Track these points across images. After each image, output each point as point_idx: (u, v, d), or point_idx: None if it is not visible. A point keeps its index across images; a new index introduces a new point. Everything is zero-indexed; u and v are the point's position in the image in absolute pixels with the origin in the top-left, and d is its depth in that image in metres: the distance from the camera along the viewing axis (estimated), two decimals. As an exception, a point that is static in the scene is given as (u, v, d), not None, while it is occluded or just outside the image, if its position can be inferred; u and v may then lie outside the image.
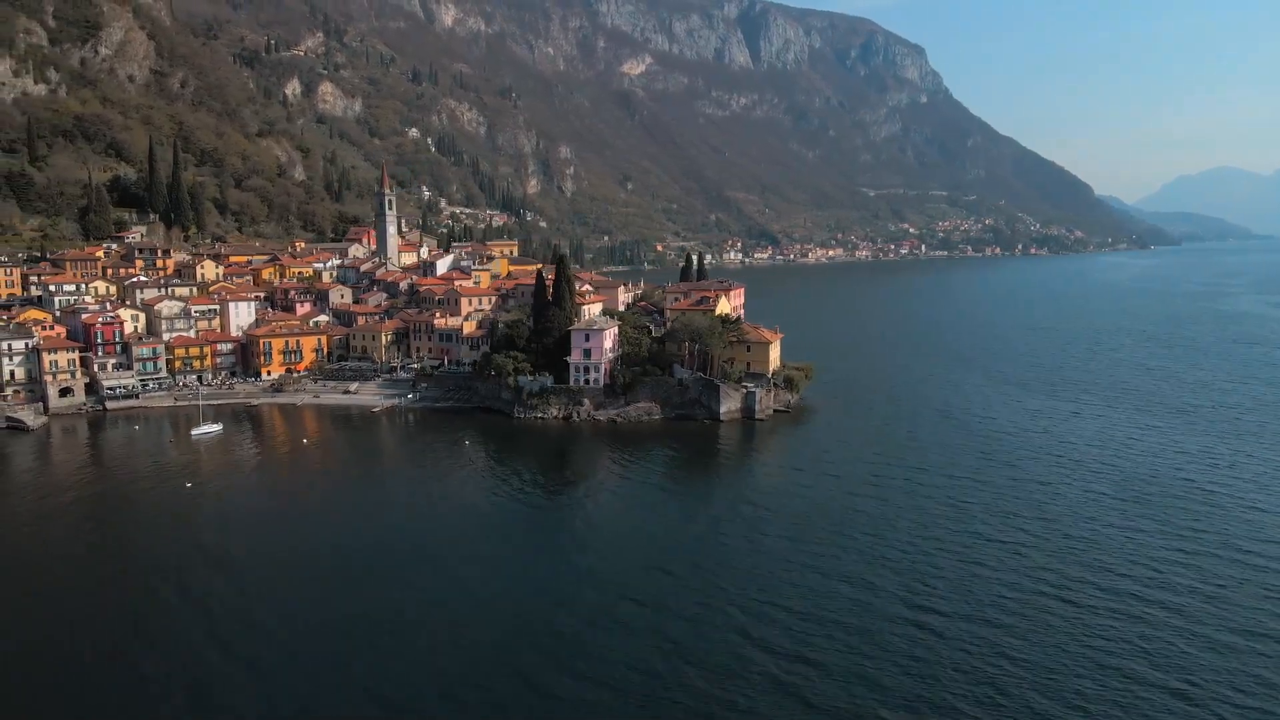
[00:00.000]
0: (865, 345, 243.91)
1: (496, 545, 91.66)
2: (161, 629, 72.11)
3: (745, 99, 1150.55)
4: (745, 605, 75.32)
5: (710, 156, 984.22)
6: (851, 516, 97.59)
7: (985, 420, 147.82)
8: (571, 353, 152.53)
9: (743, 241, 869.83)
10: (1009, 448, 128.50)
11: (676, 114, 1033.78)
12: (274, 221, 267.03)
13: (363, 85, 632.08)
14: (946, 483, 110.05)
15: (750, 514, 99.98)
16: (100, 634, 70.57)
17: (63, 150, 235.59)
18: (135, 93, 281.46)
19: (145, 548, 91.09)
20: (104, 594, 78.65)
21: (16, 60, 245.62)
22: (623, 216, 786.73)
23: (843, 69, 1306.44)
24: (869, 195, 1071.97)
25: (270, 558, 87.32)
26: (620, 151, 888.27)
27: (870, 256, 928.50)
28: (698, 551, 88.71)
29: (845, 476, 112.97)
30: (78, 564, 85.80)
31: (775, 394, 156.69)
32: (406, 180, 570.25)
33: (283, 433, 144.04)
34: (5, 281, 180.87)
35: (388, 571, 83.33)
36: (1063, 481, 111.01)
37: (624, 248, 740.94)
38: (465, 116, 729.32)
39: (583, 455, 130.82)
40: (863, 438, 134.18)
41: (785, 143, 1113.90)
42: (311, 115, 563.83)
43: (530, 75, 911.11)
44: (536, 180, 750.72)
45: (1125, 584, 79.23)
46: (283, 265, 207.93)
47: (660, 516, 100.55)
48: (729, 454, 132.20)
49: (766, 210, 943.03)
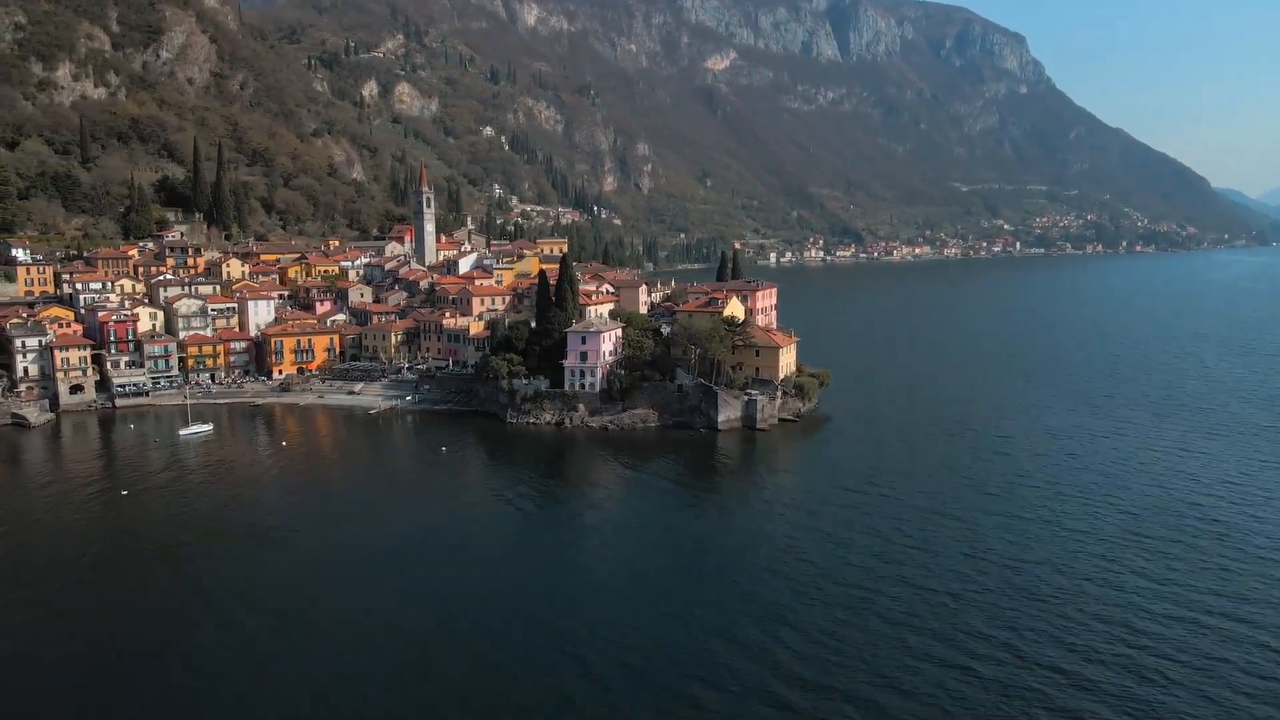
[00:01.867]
0: (914, 349, 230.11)
1: (426, 570, 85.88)
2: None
3: (832, 93, 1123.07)
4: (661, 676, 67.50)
5: (793, 152, 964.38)
6: (813, 562, 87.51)
7: (1009, 439, 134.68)
8: (568, 355, 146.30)
9: (825, 239, 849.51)
10: (1015, 475, 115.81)
11: (760, 109, 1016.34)
12: (319, 220, 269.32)
13: (440, 85, 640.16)
14: (945, 523, 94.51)
15: (690, 558, 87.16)
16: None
17: (116, 151, 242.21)
18: (194, 95, 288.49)
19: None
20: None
21: (76, 65, 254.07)
22: (700, 214, 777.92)
23: (936, 60, 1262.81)
24: (961, 191, 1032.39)
25: (157, 587, 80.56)
26: (700, 148, 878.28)
27: (959, 254, 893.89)
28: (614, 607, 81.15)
29: (826, 508, 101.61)
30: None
31: (784, 402, 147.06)
32: (478, 178, 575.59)
33: (271, 434, 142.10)
34: (38, 279, 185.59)
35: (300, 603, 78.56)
36: (1064, 519, 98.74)
37: (700, 245, 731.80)
38: (543, 114, 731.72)
39: (558, 467, 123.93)
40: (869, 458, 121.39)
41: (873, 137, 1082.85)
42: (388, 115, 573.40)
43: (611, 73, 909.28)
44: (613, 178, 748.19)
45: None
46: (309, 264, 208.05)
47: (599, 551, 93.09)
48: (709, 471, 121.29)
49: (851, 207, 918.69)
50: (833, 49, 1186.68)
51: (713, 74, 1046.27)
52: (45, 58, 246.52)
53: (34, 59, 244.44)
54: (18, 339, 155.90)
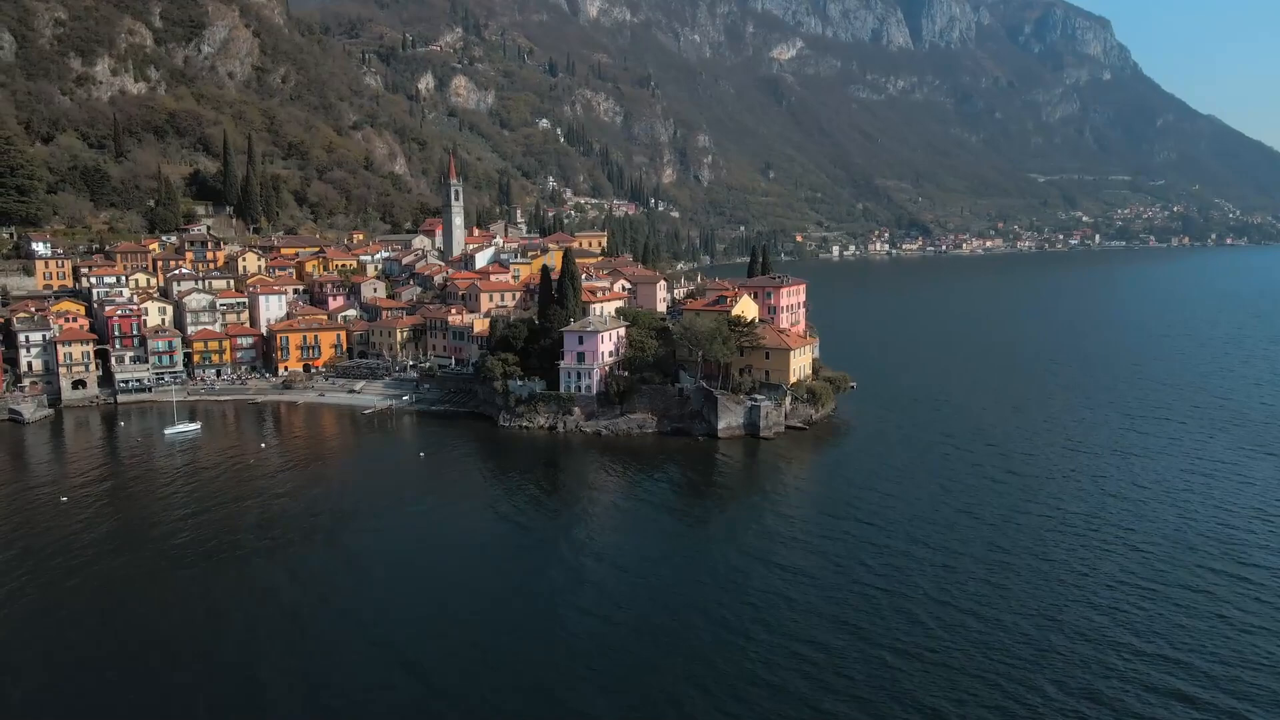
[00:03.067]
0: (960, 351, 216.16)
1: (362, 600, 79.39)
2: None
3: (903, 82, 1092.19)
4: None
5: (860, 143, 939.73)
6: (796, 597, 78.16)
7: (1034, 458, 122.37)
8: (564, 356, 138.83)
9: (890, 232, 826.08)
10: (1042, 514, 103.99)
11: (826, 99, 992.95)
12: (351, 213, 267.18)
13: (497, 78, 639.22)
14: (948, 575, 79.98)
15: (651, 605, 77.97)
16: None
17: (150, 146, 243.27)
18: (234, 89, 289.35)
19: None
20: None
21: (116, 60, 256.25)
22: (761, 206, 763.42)
23: (1014, 46, 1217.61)
24: (1037, 181, 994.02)
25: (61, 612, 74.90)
26: (763, 139, 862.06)
27: (1034, 247, 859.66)
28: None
29: (816, 543, 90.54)
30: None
31: (794, 408, 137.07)
32: (532, 171, 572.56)
33: (258, 434, 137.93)
34: (56, 273, 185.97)
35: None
36: (1091, 571, 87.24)
37: (760, 238, 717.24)
38: (601, 106, 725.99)
39: (532, 479, 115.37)
40: (877, 479, 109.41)
41: (945, 127, 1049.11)
42: (443, 109, 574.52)
43: (673, 64, 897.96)
44: (672, 170, 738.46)
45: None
46: (327, 258, 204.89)
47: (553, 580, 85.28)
48: (695, 488, 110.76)
49: (919, 199, 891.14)
50: (904, 36, 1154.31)
51: (778, 64, 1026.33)
52: (84, 53, 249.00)
53: (73, 54, 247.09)
54: (21, 333, 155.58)
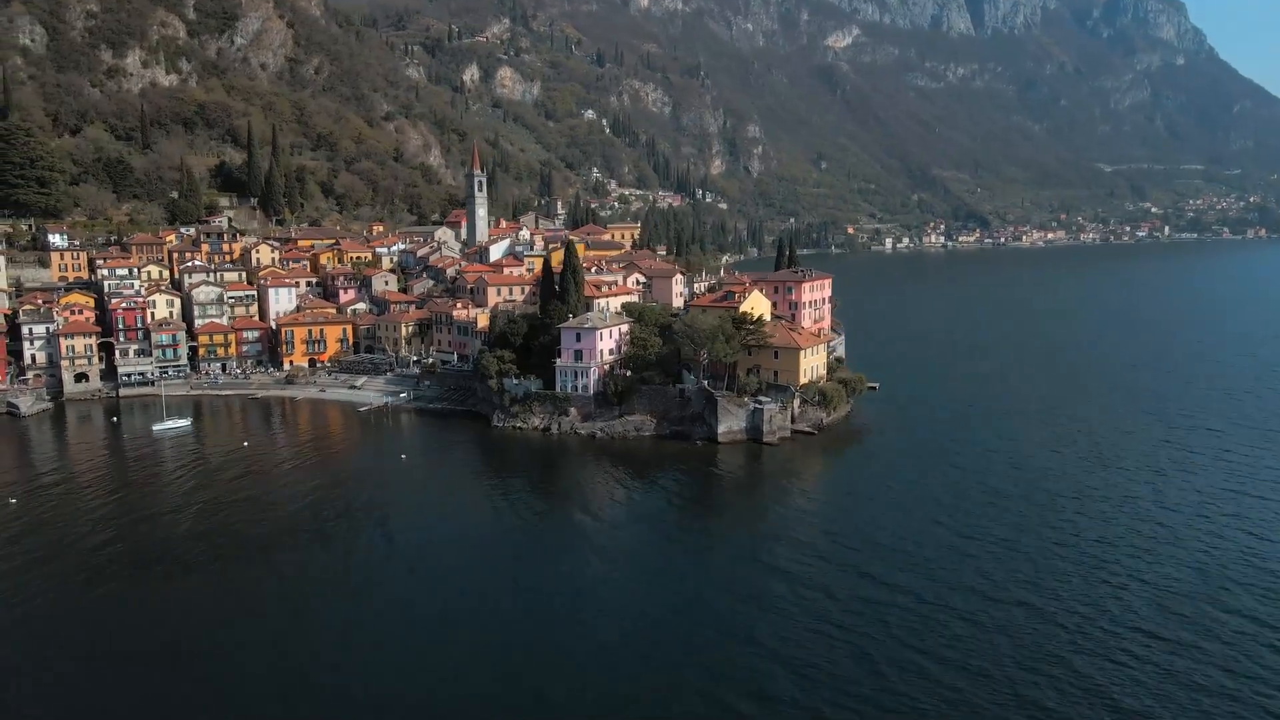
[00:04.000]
0: (1001, 351, 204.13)
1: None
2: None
3: (963, 69, 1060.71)
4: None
5: (917, 133, 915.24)
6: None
7: (1055, 474, 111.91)
8: (561, 354, 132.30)
9: (946, 224, 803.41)
10: (1041, 526, 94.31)
11: (883, 88, 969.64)
12: (378, 205, 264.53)
13: (543, 69, 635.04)
14: (961, 625, 68.80)
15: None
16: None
17: (179, 137, 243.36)
18: (266, 81, 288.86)
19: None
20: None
21: (147, 51, 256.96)
22: (812, 198, 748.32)
23: (1082, 31, 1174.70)
24: (1104, 171, 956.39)
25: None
26: (816, 129, 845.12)
27: (1098, 239, 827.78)
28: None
29: (805, 573, 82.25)
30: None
31: (803, 411, 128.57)
32: (576, 162, 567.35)
33: (247, 432, 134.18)
34: (72, 265, 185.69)
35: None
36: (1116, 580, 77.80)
37: (810, 230, 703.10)
38: (649, 97, 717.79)
39: (510, 485, 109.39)
40: (887, 493, 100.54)
41: (1007, 115, 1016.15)
42: (488, 100, 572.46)
43: (725, 53, 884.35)
44: (721, 160, 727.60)
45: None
46: (341, 250, 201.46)
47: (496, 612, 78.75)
48: (683, 499, 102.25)
49: (978, 190, 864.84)
50: (965, 22, 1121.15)
51: (833, 52, 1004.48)
52: (115, 45, 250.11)
53: (104, 46, 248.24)
54: (25, 325, 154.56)
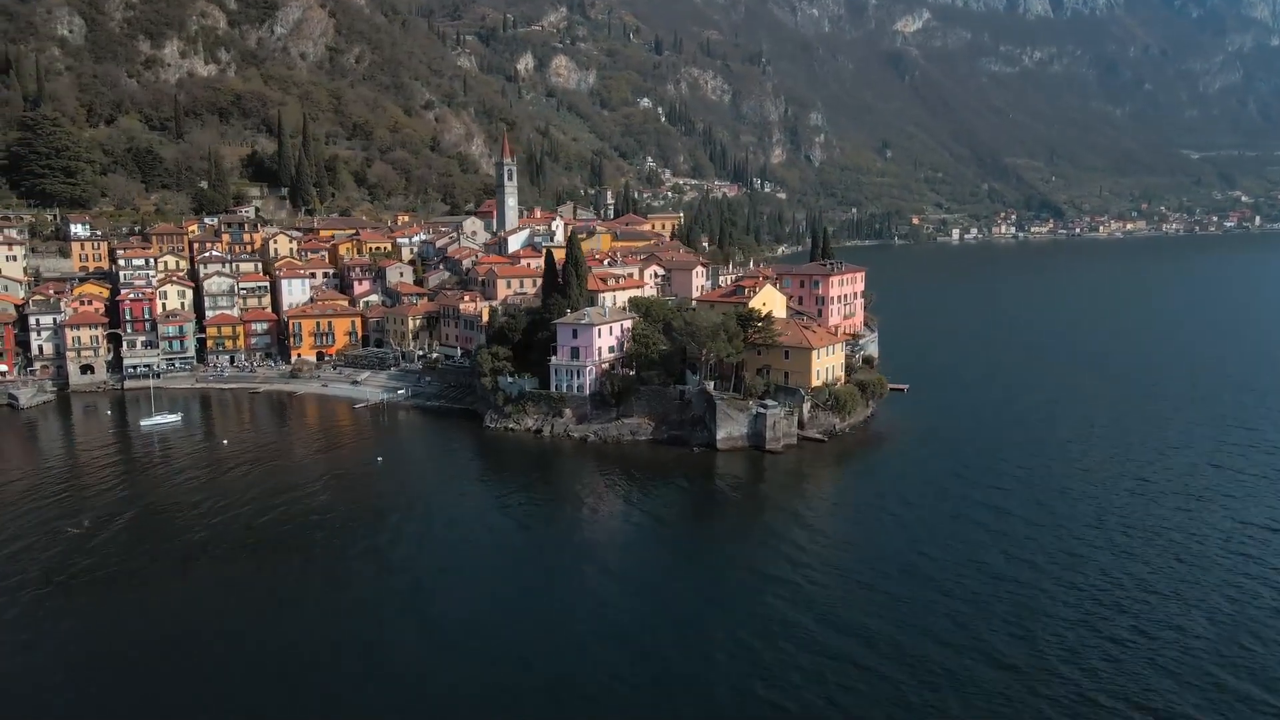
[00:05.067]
0: (1053, 351, 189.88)
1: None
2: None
3: (1040, 53, 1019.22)
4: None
5: (989, 119, 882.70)
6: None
7: (1075, 497, 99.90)
8: (557, 351, 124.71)
9: (1018, 214, 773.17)
10: (1050, 564, 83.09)
11: (953, 74, 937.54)
12: (411, 194, 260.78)
13: (599, 57, 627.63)
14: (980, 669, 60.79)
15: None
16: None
17: (213, 127, 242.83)
18: (305, 70, 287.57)
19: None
20: None
21: (185, 42, 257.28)
22: (876, 187, 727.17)
23: (1168, 11, 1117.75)
24: (1190, 158, 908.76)
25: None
26: (882, 117, 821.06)
27: (1182, 230, 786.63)
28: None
29: (763, 592, 74.68)
30: None
31: (814, 416, 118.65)
32: (630, 152, 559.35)
33: (237, 428, 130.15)
34: (92, 255, 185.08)
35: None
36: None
37: (872, 220, 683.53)
38: (709, 85, 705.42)
39: (481, 491, 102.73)
40: (879, 510, 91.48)
41: (1085, 101, 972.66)
42: (542, 89, 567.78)
43: (789, 39, 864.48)
44: (781, 149, 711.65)
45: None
46: (360, 241, 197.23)
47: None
48: (663, 519, 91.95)
49: (1053, 179, 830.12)
50: (1043, 4, 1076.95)
51: (902, 36, 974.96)
52: (153, 36, 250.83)
53: (142, 37, 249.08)
54: (32, 316, 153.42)
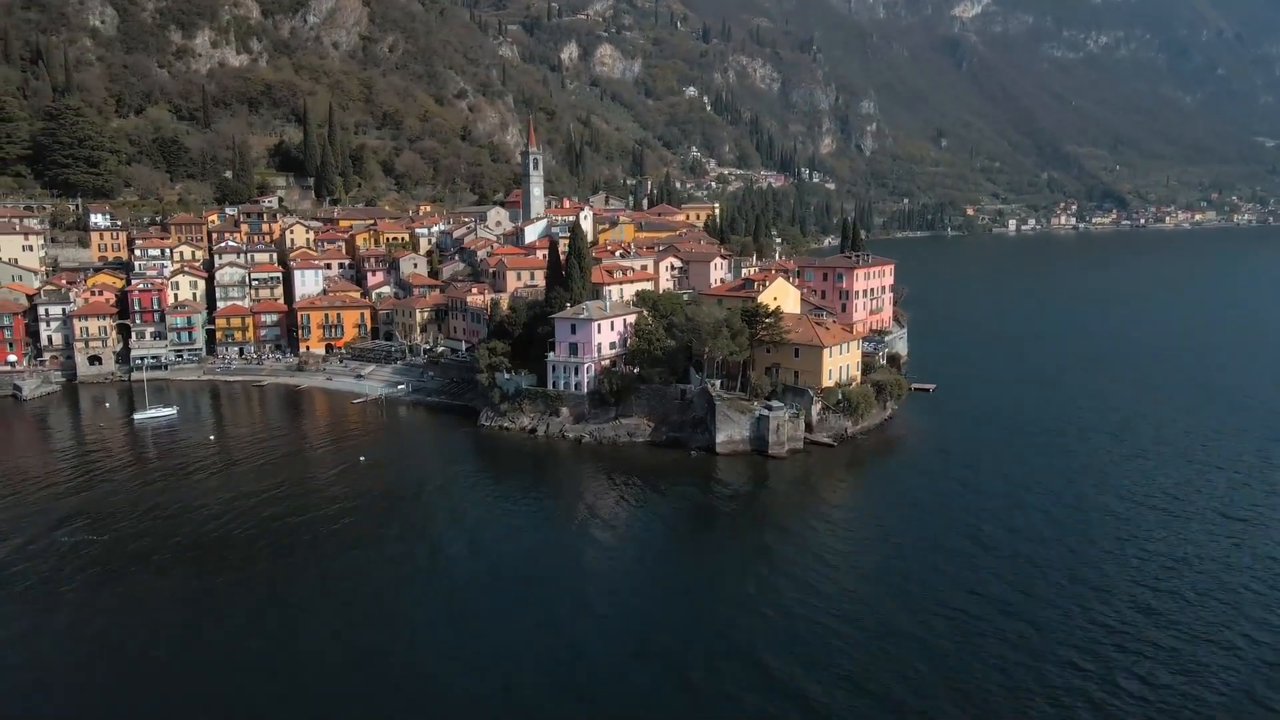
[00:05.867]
0: (1101, 352, 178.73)
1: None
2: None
3: (1106, 37, 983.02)
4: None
5: (1050, 107, 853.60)
6: None
7: (1094, 520, 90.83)
8: (555, 347, 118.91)
9: (1079, 204, 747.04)
10: (1059, 597, 74.59)
11: (1013, 60, 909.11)
12: (439, 184, 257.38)
13: (645, 46, 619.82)
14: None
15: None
16: None
17: (242, 117, 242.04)
18: (338, 60, 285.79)
19: None
20: None
21: (217, 32, 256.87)
22: (930, 177, 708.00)
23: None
24: (1264, 146, 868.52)
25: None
26: (936, 105, 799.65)
27: (1255, 220, 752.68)
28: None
29: (731, 626, 68.27)
30: None
31: (824, 418, 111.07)
32: (675, 141, 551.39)
33: (232, 423, 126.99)
34: (112, 245, 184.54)
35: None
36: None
37: (925, 211, 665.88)
38: (757, 73, 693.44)
39: (458, 499, 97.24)
40: (886, 529, 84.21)
41: (1154, 87, 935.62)
42: (586, 78, 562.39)
43: (841, 26, 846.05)
44: (831, 139, 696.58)
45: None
46: (378, 231, 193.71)
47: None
48: (638, 528, 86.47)
49: (1116, 167, 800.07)
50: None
51: (960, 22, 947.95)
52: (185, 26, 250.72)
53: (173, 27, 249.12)
54: (41, 306, 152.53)
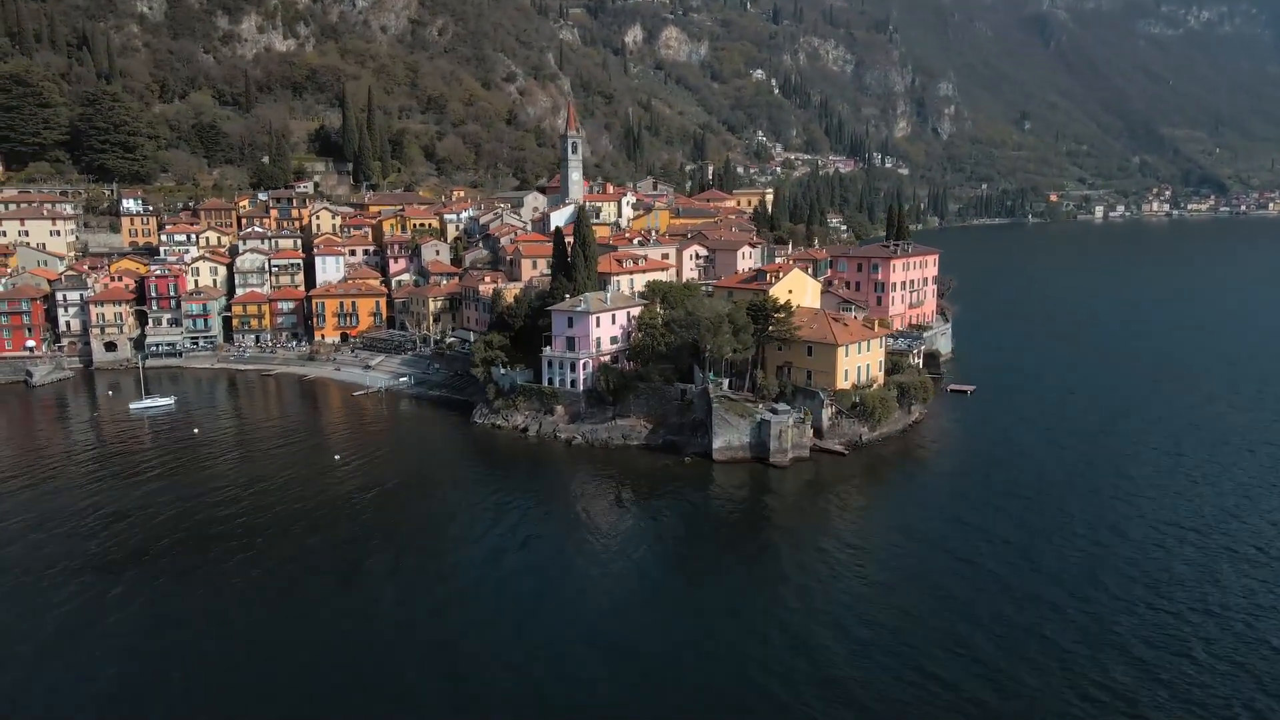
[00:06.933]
0: (1177, 358, 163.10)
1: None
2: None
3: (1208, 13, 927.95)
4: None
5: (1144, 87, 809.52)
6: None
7: (1117, 566, 78.85)
8: (551, 341, 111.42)
9: (1174, 189, 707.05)
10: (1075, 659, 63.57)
11: (1106, 38, 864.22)
12: (480, 169, 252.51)
13: (713, 28, 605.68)
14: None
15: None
16: None
17: (284, 102, 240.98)
18: (386, 44, 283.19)
19: None
20: None
21: (264, 17, 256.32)
22: (1010, 161, 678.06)
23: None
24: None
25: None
26: (1020, 86, 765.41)
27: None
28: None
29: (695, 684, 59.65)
30: None
31: (836, 423, 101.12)
32: (740, 125, 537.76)
33: (230, 414, 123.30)
34: (142, 230, 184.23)
35: None
36: None
37: (1004, 197, 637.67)
38: (830, 55, 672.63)
39: (421, 508, 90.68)
40: (889, 557, 74.97)
41: (1261, 65, 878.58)
42: (650, 62, 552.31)
43: (919, 6, 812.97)
44: (907, 122, 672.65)
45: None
46: (404, 217, 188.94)
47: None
48: (605, 546, 79.41)
49: (1216, 151, 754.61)
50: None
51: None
52: (231, 11, 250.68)
53: (220, 12, 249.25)
54: (59, 292, 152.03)
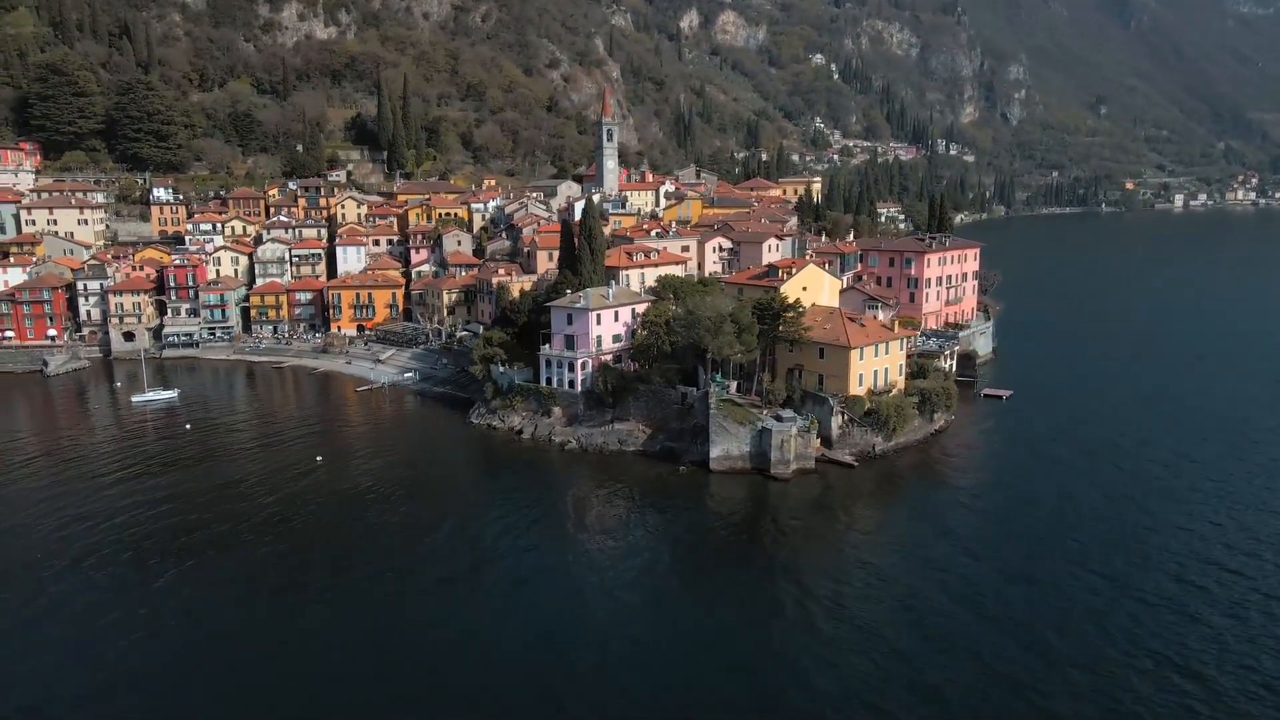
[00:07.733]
0: (1245, 370, 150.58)
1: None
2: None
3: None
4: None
5: (1232, 69, 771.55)
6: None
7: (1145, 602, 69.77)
8: (550, 339, 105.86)
9: (1261, 177, 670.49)
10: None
11: (1191, 17, 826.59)
12: (518, 157, 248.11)
13: (772, 11, 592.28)
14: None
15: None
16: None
17: (322, 90, 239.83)
18: (428, 31, 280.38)
19: None
20: None
21: (305, 4, 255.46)
22: (1084, 147, 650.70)
23: None
24: None
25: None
26: (1096, 68, 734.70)
27: None
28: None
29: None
30: None
31: (847, 432, 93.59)
32: (797, 112, 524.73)
33: (220, 408, 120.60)
34: (171, 219, 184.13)
35: None
36: None
37: (1076, 185, 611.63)
38: (894, 38, 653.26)
39: (394, 515, 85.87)
40: (888, 597, 67.82)
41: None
42: (706, 47, 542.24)
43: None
44: (974, 107, 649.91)
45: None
46: (430, 206, 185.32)
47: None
48: (587, 566, 74.44)
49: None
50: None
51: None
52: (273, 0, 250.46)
53: (261, 1, 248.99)
54: (80, 281, 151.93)
